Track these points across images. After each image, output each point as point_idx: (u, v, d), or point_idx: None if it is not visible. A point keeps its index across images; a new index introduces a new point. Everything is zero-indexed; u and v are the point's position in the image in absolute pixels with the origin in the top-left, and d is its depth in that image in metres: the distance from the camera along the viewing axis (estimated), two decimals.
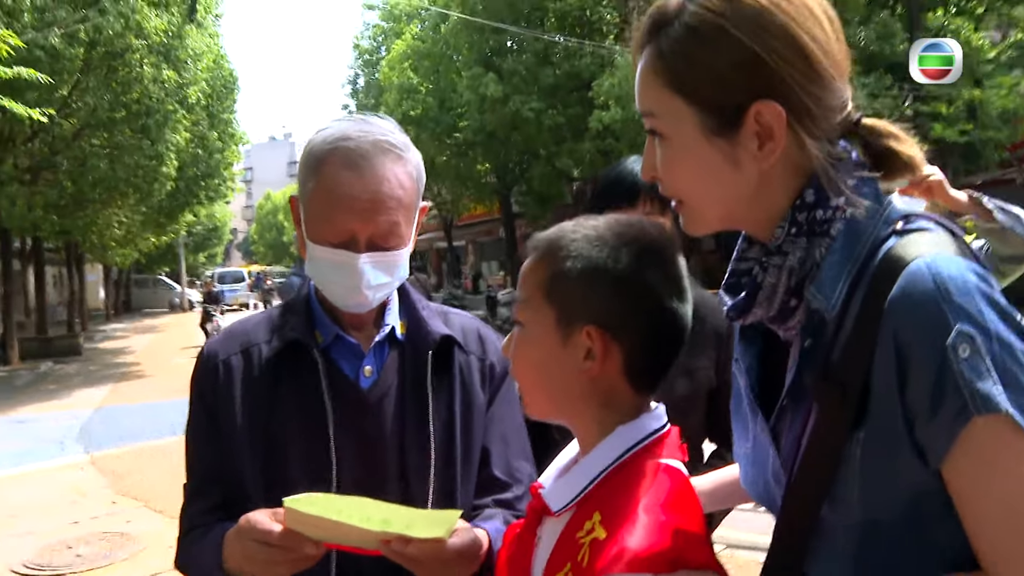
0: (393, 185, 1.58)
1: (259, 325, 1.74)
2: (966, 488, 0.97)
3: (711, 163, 1.12)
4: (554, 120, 21.65)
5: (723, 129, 1.11)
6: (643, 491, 1.14)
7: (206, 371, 1.69)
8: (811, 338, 1.11)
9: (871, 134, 1.14)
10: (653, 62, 1.14)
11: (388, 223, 1.58)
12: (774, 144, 1.09)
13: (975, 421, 0.94)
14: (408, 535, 1.35)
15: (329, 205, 1.57)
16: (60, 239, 26.87)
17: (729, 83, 1.09)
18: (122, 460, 9.73)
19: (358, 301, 1.62)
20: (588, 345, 1.19)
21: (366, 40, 39.13)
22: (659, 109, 1.15)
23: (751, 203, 1.14)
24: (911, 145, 1.13)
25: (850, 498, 1.04)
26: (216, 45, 25.22)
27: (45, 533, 7.10)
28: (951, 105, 15.61)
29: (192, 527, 1.64)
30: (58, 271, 36.94)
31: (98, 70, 17.93)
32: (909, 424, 0.98)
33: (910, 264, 1.00)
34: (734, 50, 1.07)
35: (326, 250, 1.59)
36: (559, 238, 1.24)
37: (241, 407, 1.63)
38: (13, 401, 15.10)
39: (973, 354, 0.94)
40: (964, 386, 0.94)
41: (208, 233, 57.17)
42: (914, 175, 1.15)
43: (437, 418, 1.66)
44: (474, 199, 32.23)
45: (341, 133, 1.60)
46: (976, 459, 0.96)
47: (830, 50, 1.10)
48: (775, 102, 1.07)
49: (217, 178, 27.09)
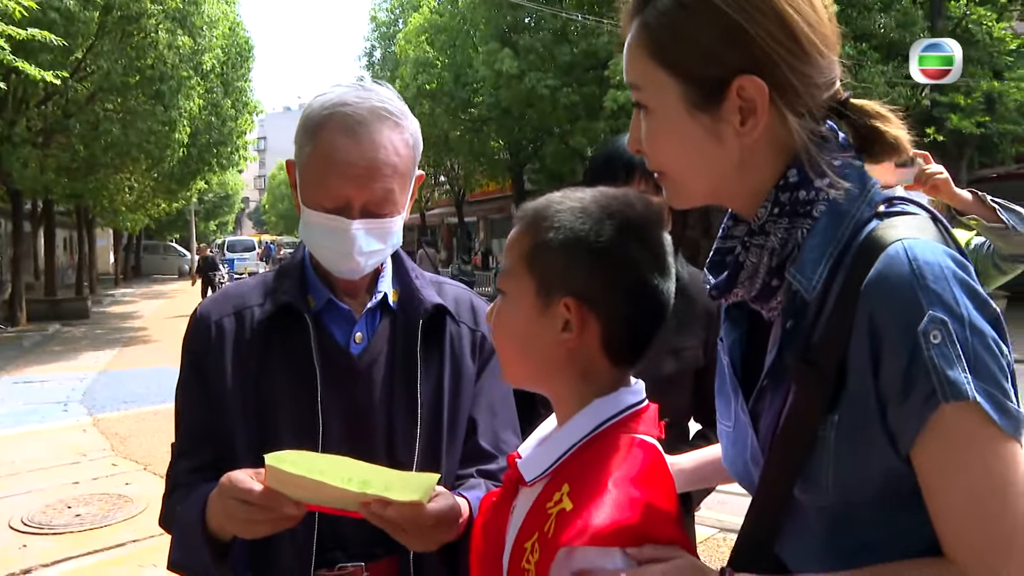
0: (389, 152, 1.57)
1: (254, 288, 1.74)
2: (932, 475, 0.97)
3: (693, 137, 1.12)
4: (569, 98, 21.54)
5: (706, 103, 1.10)
6: (614, 465, 1.13)
7: (198, 331, 1.70)
8: (792, 319, 1.10)
9: (857, 113, 1.13)
10: (639, 34, 1.13)
11: (383, 190, 1.58)
12: (756, 119, 1.08)
13: (943, 408, 0.93)
14: (387, 497, 1.33)
15: (325, 170, 1.56)
16: (71, 202, 26.96)
17: (712, 56, 1.08)
18: (124, 423, 9.84)
19: (350, 267, 1.62)
20: (566, 317, 1.17)
21: (383, 12, 38.97)
22: (644, 81, 1.15)
23: (735, 179, 1.13)
24: (897, 126, 1.12)
25: (823, 480, 1.03)
26: (232, 12, 25.17)
27: (45, 492, 7.18)
28: (969, 96, 15.46)
29: (177, 485, 1.64)
30: (68, 234, 37.15)
31: (113, 34, 17.89)
32: (882, 408, 0.98)
33: (888, 247, 0.99)
34: (719, 22, 1.06)
35: (320, 215, 1.59)
36: (544, 208, 1.23)
37: (231, 368, 1.64)
38: (20, 361, 15.21)
39: (944, 340, 0.94)
40: (933, 372, 0.93)
41: (220, 201, 57.38)
42: (899, 157, 1.14)
43: (425, 386, 1.66)
44: (487, 175, 32.23)
45: (339, 99, 1.59)
46: (943, 446, 0.95)
47: (817, 27, 1.09)
48: (758, 77, 1.06)
49: (230, 146, 27.05)
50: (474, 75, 25.41)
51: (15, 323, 21.10)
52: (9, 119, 16.50)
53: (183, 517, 1.56)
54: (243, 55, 27.31)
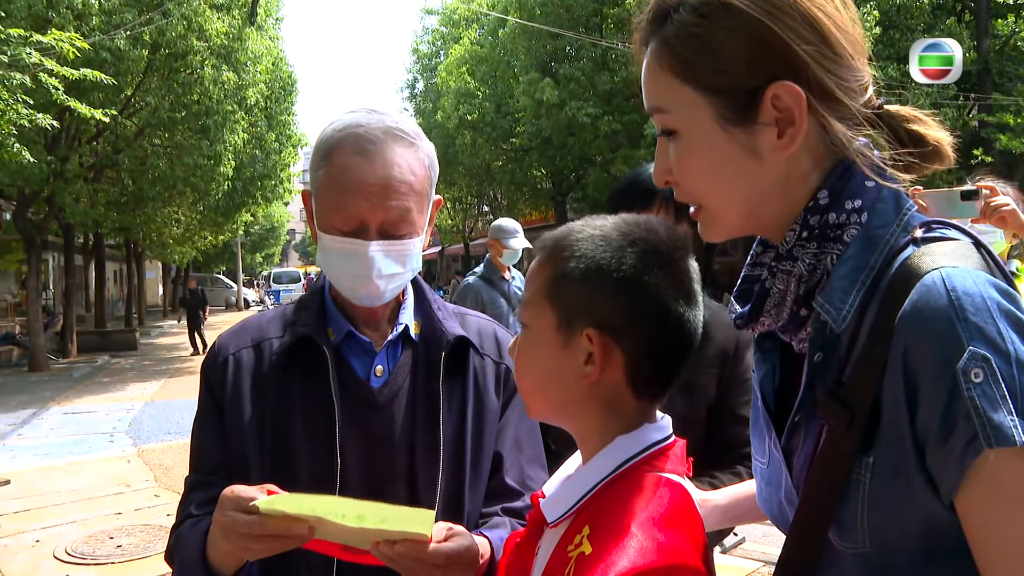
0: (404, 170, 1.54)
1: (272, 320, 1.71)
2: (978, 524, 0.88)
3: (730, 155, 1.04)
4: (610, 126, 21.51)
5: (739, 116, 1.02)
6: (638, 505, 1.06)
7: (215, 364, 1.66)
8: (821, 351, 1.02)
9: (895, 119, 1.05)
10: (659, 53, 1.06)
11: (399, 209, 1.54)
12: (796, 129, 1.00)
13: (987, 454, 0.84)
14: (386, 529, 1.28)
15: (339, 191, 1.53)
16: (120, 236, 27.53)
17: (741, 64, 1.00)
18: (167, 454, 9.92)
19: (369, 292, 1.58)
20: (589, 349, 1.11)
21: (425, 44, 39.38)
22: (668, 103, 1.07)
23: (775, 200, 1.06)
24: (936, 128, 1.05)
25: (858, 525, 0.96)
26: (276, 48, 25.56)
27: (89, 522, 7.25)
28: (1019, 116, 15.16)
29: (187, 517, 1.59)
30: (118, 267, 37.85)
31: (160, 71, 18.30)
32: (919, 451, 0.90)
33: (924, 277, 0.91)
34: (744, 27, 0.99)
35: (336, 239, 1.55)
36: (564, 237, 1.17)
37: (249, 401, 1.60)
38: (69, 393, 15.45)
39: (987, 379, 0.85)
40: (975, 415, 0.84)
41: (265, 233, 58.14)
42: (943, 161, 1.05)
43: (448, 421, 1.61)
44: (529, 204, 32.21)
45: (352, 121, 1.57)
46: (988, 495, 0.86)
47: (845, 28, 1.02)
48: (793, 82, 0.99)
49: (274, 179, 27.36)
50: (515, 105, 25.51)
51: (66, 354, 21.49)
52: (62, 155, 16.86)
53: (185, 548, 1.51)
54: (286, 89, 27.70)
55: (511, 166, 28.76)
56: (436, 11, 37.64)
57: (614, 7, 22.16)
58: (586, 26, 23.41)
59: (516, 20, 23.90)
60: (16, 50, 11.15)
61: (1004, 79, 17.17)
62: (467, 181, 33.47)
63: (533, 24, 22.98)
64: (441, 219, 43.50)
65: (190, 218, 27.24)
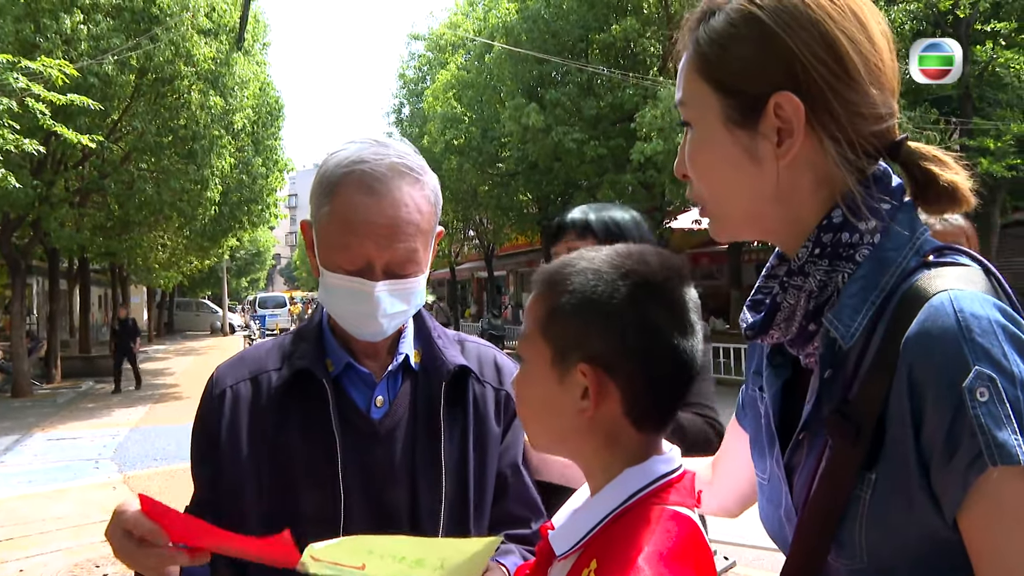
0: (411, 210, 1.51)
1: (271, 352, 1.69)
2: (980, 542, 0.89)
3: (731, 155, 1.09)
4: (596, 151, 21.62)
5: (743, 119, 1.07)
6: (645, 539, 1.05)
7: (212, 397, 1.64)
8: (830, 368, 1.04)
9: (911, 156, 1.07)
10: (692, 51, 1.12)
11: (406, 250, 1.52)
12: (792, 141, 1.04)
13: (990, 472, 0.86)
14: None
15: (344, 231, 1.51)
16: (106, 260, 27.41)
17: (752, 70, 1.06)
18: (154, 480, 9.83)
19: (373, 330, 1.57)
20: (583, 383, 1.11)
21: (411, 70, 39.55)
22: (689, 97, 1.14)
23: (772, 207, 1.09)
24: (954, 171, 1.06)
25: (857, 542, 0.97)
26: (263, 73, 25.60)
27: (74, 551, 7.18)
28: (999, 140, 15.34)
29: None
30: (103, 292, 37.64)
31: (147, 96, 18.35)
32: (923, 469, 0.91)
33: (933, 298, 0.94)
34: (761, 37, 1.04)
35: (341, 278, 1.53)
36: (557, 271, 1.17)
37: (247, 436, 1.58)
38: (54, 418, 15.32)
39: (992, 398, 0.87)
40: (980, 433, 0.87)
41: (251, 258, 58.10)
42: (959, 205, 1.06)
43: (450, 451, 1.59)
44: (515, 229, 32.26)
45: (356, 156, 1.53)
46: (991, 512, 0.88)
47: (870, 57, 1.05)
48: (796, 96, 1.03)
49: (261, 204, 27.32)
50: (501, 130, 25.60)
51: (50, 380, 21.34)
52: (47, 180, 16.83)
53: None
54: (273, 114, 27.72)
55: (497, 191, 28.83)
56: (423, 36, 37.79)
57: (600, 33, 22.36)
58: (572, 51, 23.57)
59: (502, 46, 24.05)
60: (3, 75, 11.15)
61: (984, 104, 17.39)
62: (453, 206, 33.48)
63: (519, 50, 23.13)
64: None
65: (176, 243, 27.20)
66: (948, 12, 16.58)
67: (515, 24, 23.97)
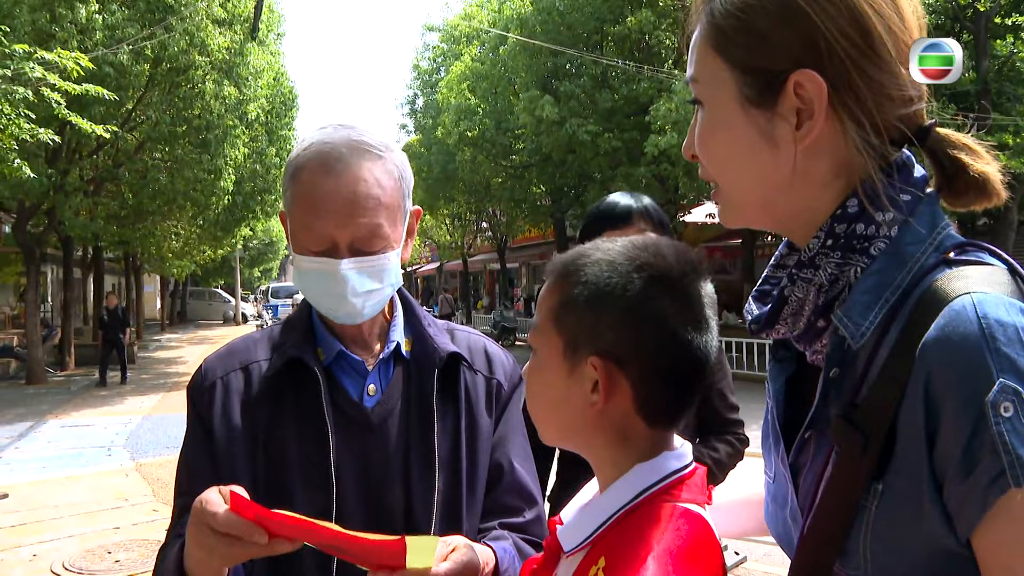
0: (370, 184, 1.51)
1: (260, 342, 1.68)
2: (996, 565, 0.83)
3: (746, 137, 1.02)
4: (610, 144, 21.52)
5: (761, 98, 0.99)
6: (655, 537, 1.03)
7: (203, 388, 1.62)
8: (837, 367, 0.98)
9: (940, 143, 1.00)
10: (705, 25, 1.04)
11: (369, 225, 1.51)
12: (813, 122, 0.97)
13: (1012, 493, 0.79)
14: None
15: (307, 211, 1.51)
16: (119, 249, 27.53)
17: (771, 45, 0.98)
18: (166, 468, 9.88)
19: (347, 311, 1.56)
20: (594, 377, 1.09)
21: (425, 61, 39.49)
22: (701, 73, 1.06)
23: (787, 194, 1.02)
24: (986, 161, 0.99)
25: (861, 555, 0.92)
26: (277, 63, 25.66)
27: (87, 537, 7.24)
28: (1018, 135, 15.21)
29: (176, 537, 1.50)
30: (117, 280, 37.80)
31: (162, 86, 18.41)
32: (936, 483, 0.85)
33: (953, 301, 0.86)
34: (784, 9, 0.96)
35: (309, 260, 1.54)
36: (572, 262, 1.14)
37: (240, 426, 1.57)
38: (67, 406, 15.43)
39: (1017, 414, 0.80)
40: (1004, 451, 0.79)
41: (264, 248, 58.13)
42: (988, 198, 0.99)
43: (443, 439, 1.59)
44: (528, 221, 32.22)
45: (318, 138, 1.55)
46: (1011, 535, 0.81)
47: (900, 35, 0.97)
48: (818, 74, 0.95)
49: (274, 194, 27.39)
50: (515, 122, 25.52)
51: (64, 367, 21.46)
52: (62, 169, 16.90)
53: (164, 564, 1.44)
54: (287, 104, 27.76)
55: (511, 183, 28.78)
56: (437, 28, 37.73)
57: (615, 25, 22.26)
58: (587, 44, 23.51)
59: (517, 37, 23.99)
60: (20, 65, 11.20)
61: (1003, 99, 17.24)
62: (466, 198, 33.49)
63: (534, 41, 23.06)
64: (440, 235, 43.56)
65: (189, 232, 27.30)
66: (968, 6, 16.45)
67: (530, 16, 23.90)
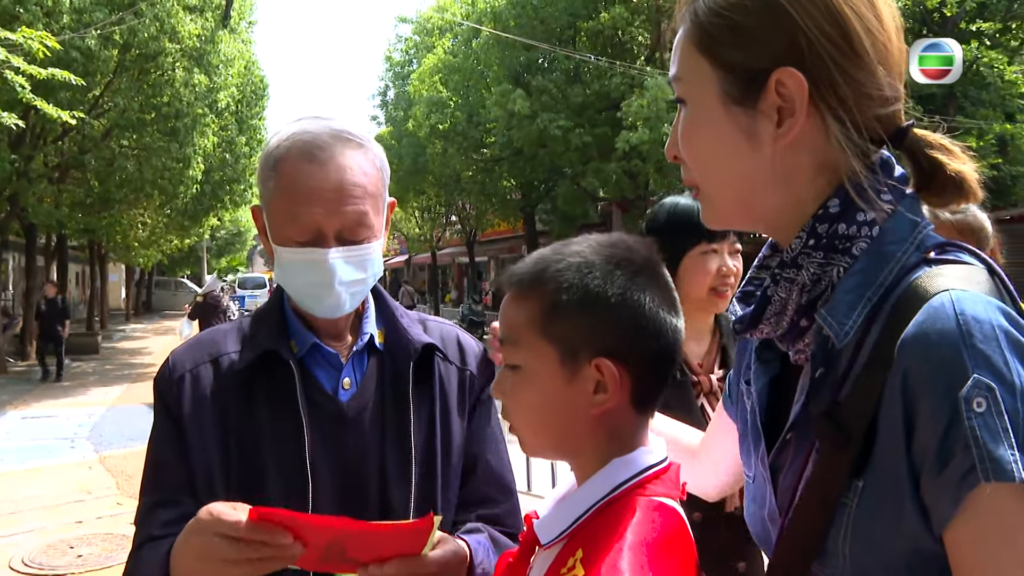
0: (356, 173, 1.51)
1: (229, 334, 1.65)
2: (966, 560, 0.84)
3: (727, 135, 1.03)
4: (581, 139, 21.59)
5: (743, 96, 1.01)
6: (631, 529, 1.05)
7: (171, 381, 1.58)
8: (822, 367, 1.00)
9: (917, 144, 1.02)
10: (689, 22, 1.06)
11: (356, 213, 1.51)
12: (794, 120, 0.98)
13: (982, 488, 0.81)
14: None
15: (292, 201, 1.49)
16: (84, 237, 27.18)
17: (753, 43, 0.99)
18: (130, 461, 9.72)
19: (332, 302, 1.54)
20: (597, 378, 1.09)
21: (398, 52, 39.34)
22: (685, 72, 1.07)
23: (768, 193, 1.04)
24: (962, 161, 1.01)
25: (840, 553, 0.93)
26: (248, 51, 25.45)
27: (48, 531, 7.12)
28: (981, 139, 15.45)
29: (150, 538, 1.48)
30: (81, 269, 37.36)
31: (130, 72, 18.16)
32: (914, 479, 0.86)
33: (933, 298, 0.88)
34: (766, 9, 0.98)
35: (294, 251, 1.51)
36: (543, 270, 1.14)
37: (212, 419, 1.54)
38: (28, 397, 15.20)
39: (990, 409, 0.81)
40: (975, 446, 0.81)
41: (231, 238, 57.71)
42: (964, 197, 1.01)
43: (418, 431, 1.58)
44: (498, 215, 32.26)
45: (298, 129, 1.54)
46: (980, 530, 0.83)
47: (878, 35, 0.99)
48: (799, 72, 0.97)
49: (243, 183, 27.21)
50: (487, 115, 25.53)
51: (24, 357, 21.14)
52: (26, 155, 16.64)
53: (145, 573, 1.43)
54: (258, 93, 27.58)
55: (481, 176, 28.78)
56: (410, 20, 37.62)
57: (588, 20, 22.33)
58: (560, 38, 23.54)
59: (490, 31, 23.97)
60: None
61: (967, 102, 17.52)
62: (436, 190, 33.42)
63: (507, 35, 23.07)
64: (409, 228, 43.43)
65: (156, 221, 26.99)
66: (935, 10, 16.65)
67: (503, 9, 23.92)
